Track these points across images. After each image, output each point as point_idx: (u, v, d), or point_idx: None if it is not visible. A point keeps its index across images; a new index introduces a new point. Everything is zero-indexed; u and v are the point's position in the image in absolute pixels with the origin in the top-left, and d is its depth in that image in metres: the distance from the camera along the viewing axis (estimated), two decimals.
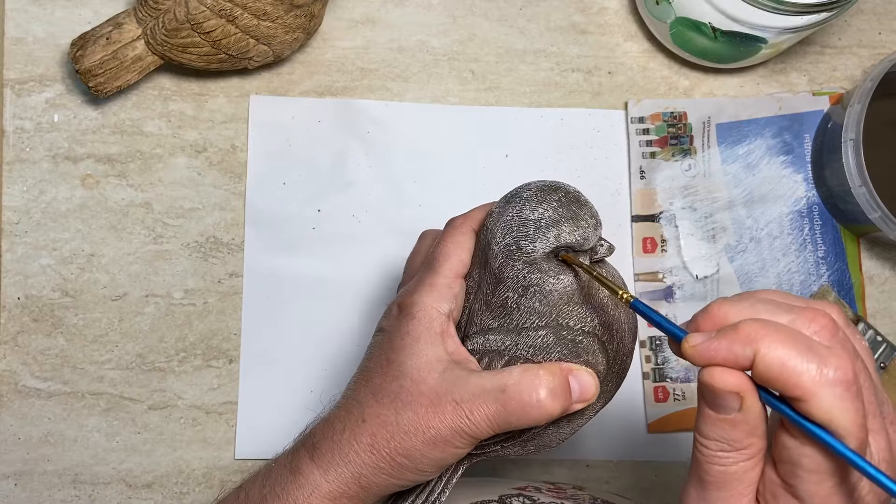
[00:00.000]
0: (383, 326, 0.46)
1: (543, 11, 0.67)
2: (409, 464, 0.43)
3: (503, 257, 0.44)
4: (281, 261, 0.64)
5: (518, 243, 0.43)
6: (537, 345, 0.44)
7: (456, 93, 0.66)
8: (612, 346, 0.45)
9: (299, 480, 0.43)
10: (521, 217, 0.43)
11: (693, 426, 0.65)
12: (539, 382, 0.42)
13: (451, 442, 0.42)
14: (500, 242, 0.44)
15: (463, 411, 0.42)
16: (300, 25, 0.60)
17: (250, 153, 0.64)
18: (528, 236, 0.43)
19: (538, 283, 0.43)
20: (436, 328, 0.44)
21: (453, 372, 0.43)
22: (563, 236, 0.43)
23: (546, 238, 0.43)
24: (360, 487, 0.43)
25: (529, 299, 0.44)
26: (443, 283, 0.45)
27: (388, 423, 0.43)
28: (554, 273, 0.43)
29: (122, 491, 0.62)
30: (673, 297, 0.65)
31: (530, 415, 0.42)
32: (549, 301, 0.44)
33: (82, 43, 0.59)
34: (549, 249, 0.43)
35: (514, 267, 0.43)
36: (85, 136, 0.64)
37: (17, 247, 0.63)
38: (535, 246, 0.43)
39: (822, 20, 0.57)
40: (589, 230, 0.44)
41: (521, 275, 0.43)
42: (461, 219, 0.47)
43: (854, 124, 0.60)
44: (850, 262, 0.66)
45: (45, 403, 0.62)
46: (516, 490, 0.51)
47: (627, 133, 0.66)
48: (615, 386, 0.47)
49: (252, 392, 0.63)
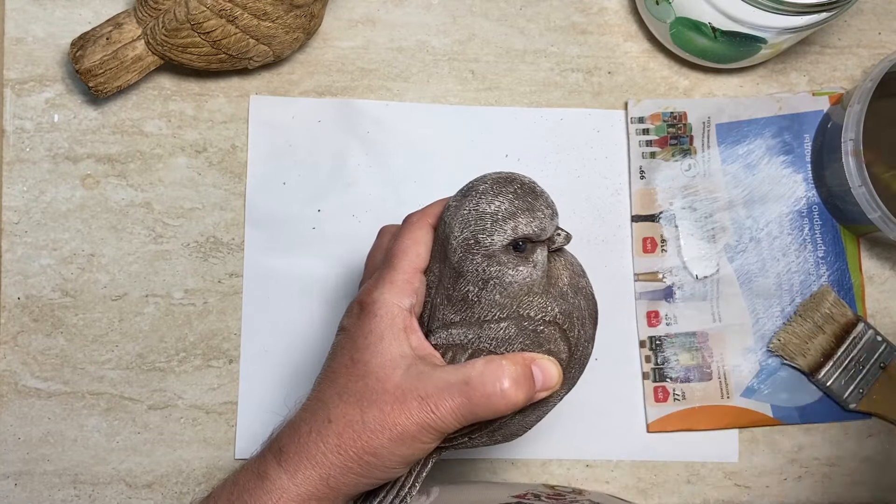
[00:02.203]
0: (345, 325, 0.46)
1: (543, 11, 0.67)
2: (377, 462, 0.43)
3: (462, 251, 0.44)
4: (281, 261, 0.64)
5: (476, 237, 0.44)
6: (499, 337, 0.44)
7: (456, 93, 0.66)
8: (573, 334, 0.46)
9: (267, 485, 0.43)
10: (477, 210, 0.44)
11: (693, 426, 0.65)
12: (502, 373, 0.42)
13: (418, 437, 0.43)
14: (458, 237, 0.44)
15: (428, 406, 0.42)
16: (300, 25, 0.60)
17: (250, 153, 0.64)
18: (485, 230, 0.44)
19: (498, 276, 0.44)
20: (398, 324, 0.44)
21: (417, 368, 0.43)
22: (521, 228, 0.44)
23: (503, 231, 0.44)
24: (329, 489, 0.43)
25: (490, 292, 0.44)
26: (402, 278, 0.45)
27: (355, 422, 0.43)
28: (513, 265, 0.44)
29: (122, 491, 0.62)
30: (673, 297, 0.65)
31: (495, 405, 0.43)
32: (509, 293, 0.44)
33: (82, 43, 0.59)
34: (507, 242, 0.44)
35: (473, 261, 0.44)
36: (85, 136, 0.64)
37: (17, 247, 0.63)
38: (493, 239, 0.44)
39: (822, 20, 0.57)
40: (545, 220, 0.44)
41: (481, 268, 0.44)
42: (418, 214, 0.47)
43: (854, 124, 0.60)
44: (850, 262, 0.66)
45: (45, 403, 0.62)
46: (515, 498, 0.51)
47: (627, 133, 0.66)
48: (578, 372, 0.48)
49: (252, 392, 0.63)
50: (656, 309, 0.65)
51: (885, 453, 0.66)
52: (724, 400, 0.64)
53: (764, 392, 0.65)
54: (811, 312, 0.65)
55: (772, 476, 0.65)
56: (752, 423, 0.65)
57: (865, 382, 0.64)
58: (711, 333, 0.65)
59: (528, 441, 0.64)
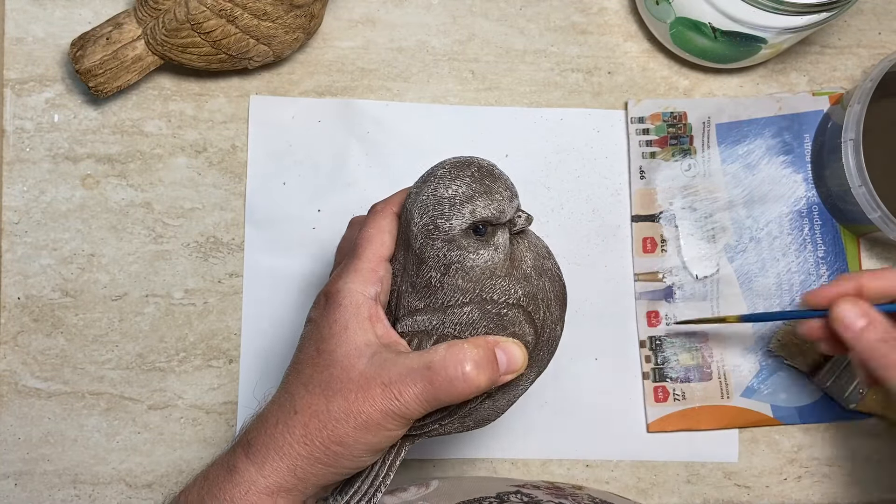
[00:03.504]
0: (312, 317, 0.46)
1: (543, 11, 0.67)
2: (344, 451, 0.43)
3: (423, 237, 0.44)
4: (281, 261, 0.64)
5: (435, 222, 0.44)
6: (463, 321, 0.44)
7: (456, 93, 0.66)
8: (538, 316, 0.46)
9: (235, 478, 0.43)
10: (435, 196, 0.44)
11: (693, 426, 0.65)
12: (464, 357, 0.43)
13: (383, 425, 0.43)
14: (418, 223, 0.44)
15: (392, 393, 0.42)
16: (300, 25, 0.60)
17: (250, 153, 0.64)
18: (443, 214, 0.44)
19: (459, 261, 0.44)
20: (363, 313, 0.44)
21: (382, 356, 0.43)
22: (479, 211, 0.43)
23: (461, 214, 0.43)
24: (297, 479, 0.43)
25: (452, 277, 0.44)
26: (367, 267, 0.45)
27: (320, 412, 0.43)
28: (473, 248, 0.44)
29: (122, 491, 0.62)
30: (673, 297, 0.65)
31: (458, 389, 0.43)
32: (471, 277, 0.44)
33: (82, 43, 0.59)
34: (465, 225, 0.44)
35: (433, 246, 0.44)
36: (85, 136, 0.64)
37: (17, 247, 0.63)
38: (452, 223, 0.44)
39: (822, 20, 0.57)
40: (504, 202, 0.44)
41: (441, 253, 0.44)
42: (382, 203, 0.48)
43: (854, 124, 0.60)
44: (850, 262, 0.66)
45: (45, 403, 0.62)
46: (514, 487, 0.51)
47: (627, 133, 0.66)
48: (548, 354, 0.48)
49: (252, 392, 0.63)
50: (656, 309, 0.65)
51: (885, 453, 0.66)
52: (724, 400, 0.64)
53: (764, 392, 0.65)
54: None
55: (772, 476, 0.65)
56: (752, 423, 0.65)
57: (865, 382, 0.64)
58: (711, 334, 0.65)
59: (528, 441, 0.64)
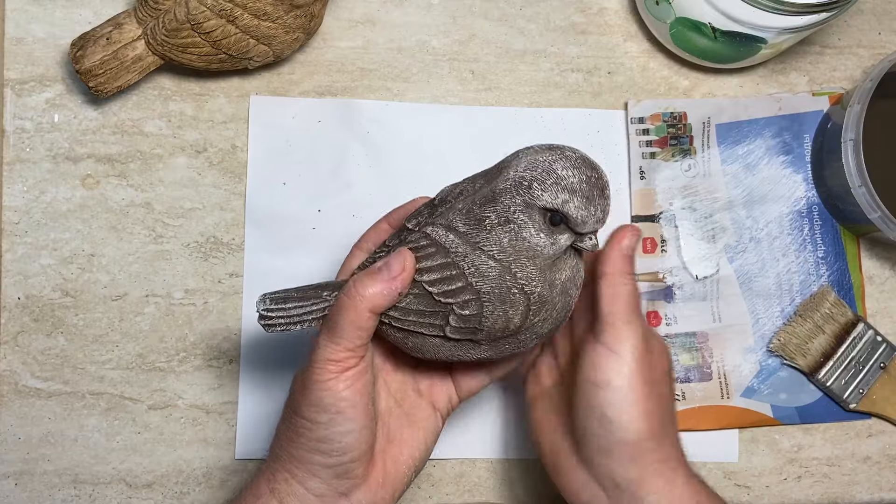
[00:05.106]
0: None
1: (543, 11, 0.67)
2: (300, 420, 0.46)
3: (511, 184, 0.45)
4: (281, 261, 0.64)
5: (532, 183, 0.45)
6: (481, 270, 0.46)
7: (456, 93, 0.66)
8: (531, 318, 0.46)
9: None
10: (551, 166, 0.45)
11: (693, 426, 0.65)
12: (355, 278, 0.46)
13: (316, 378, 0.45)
14: (518, 172, 0.45)
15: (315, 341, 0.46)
16: (300, 25, 0.60)
17: (250, 153, 0.64)
18: (544, 183, 0.45)
19: (519, 226, 0.45)
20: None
21: None
22: (570, 207, 0.45)
23: (556, 196, 0.44)
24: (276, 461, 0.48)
25: (504, 232, 0.45)
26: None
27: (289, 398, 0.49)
28: (538, 228, 0.45)
29: (122, 491, 0.62)
30: (673, 297, 0.65)
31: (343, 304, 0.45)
32: (515, 246, 0.45)
33: (82, 43, 0.59)
34: (550, 206, 0.45)
35: (513, 198, 0.45)
36: (85, 136, 0.64)
37: (17, 247, 0.63)
38: (543, 196, 0.45)
39: (822, 20, 0.57)
40: (591, 218, 0.45)
41: (513, 208, 0.45)
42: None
43: (854, 124, 0.60)
44: (850, 262, 0.66)
45: (45, 403, 0.62)
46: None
47: (627, 133, 0.66)
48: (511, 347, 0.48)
49: (252, 392, 0.63)
50: (656, 309, 0.65)
51: (885, 453, 0.66)
52: (724, 400, 0.64)
53: (764, 392, 0.65)
54: (811, 312, 0.65)
55: (772, 476, 0.65)
56: (752, 423, 0.65)
57: (865, 382, 0.64)
58: (711, 334, 0.65)
59: (528, 441, 0.64)
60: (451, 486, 0.63)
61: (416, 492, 0.64)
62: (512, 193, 0.45)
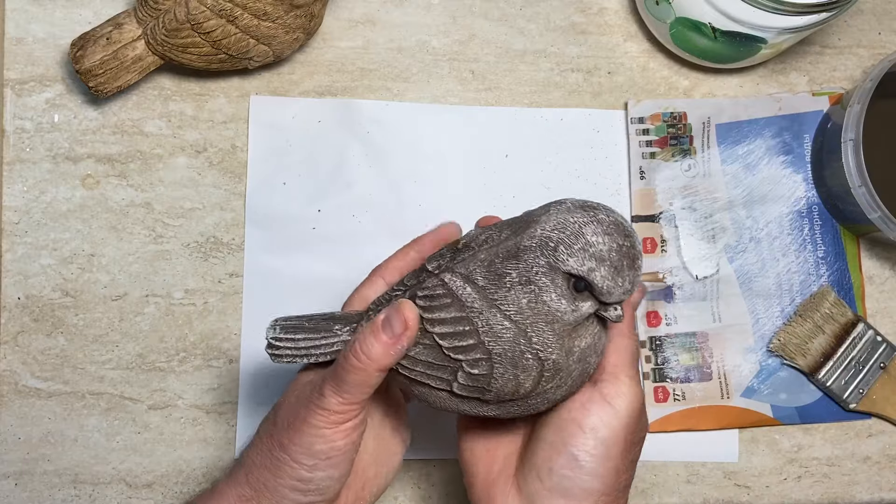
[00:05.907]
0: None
1: (543, 11, 0.67)
2: (284, 456, 0.46)
3: (536, 243, 0.43)
4: (281, 261, 0.64)
5: (558, 245, 0.43)
6: (495, 329, 0.44)
7: (456, 93, 0.66)
8: (543, 384, 0.45)
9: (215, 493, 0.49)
10: (581, 229, 0.43)
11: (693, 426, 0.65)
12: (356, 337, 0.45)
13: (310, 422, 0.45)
14: (545, 231, 0.43)
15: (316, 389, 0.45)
16: (300, 25, 0.60)
17: (250, 153, 0.64)
18: (570, 247, 0.42)
19: (540, 288, 0.43)
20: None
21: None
22: (596, 276, 0.42)
23: (581, 263, 0.42)
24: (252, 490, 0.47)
25: (523, 293, 0.43)
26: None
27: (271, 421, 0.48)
28: (559, 293, 0.43)
29: (122, 491, 0.62)
30: (673, 297, 0.65)
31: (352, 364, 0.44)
32: (534, 308, 0.43)
33: (82, 43, 0.59)
34: (575, 272, 0.42)
35: (536, 258, 0.43)
36: (85, 136, 0.64)
37: (17, 247, 0.63)
38: (569, 260, 0.42)
39: (822, 20, 0.57)
40: (617, 289, 0.43)
41: (535, 269, 0.43)
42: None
43: (854, 124, 0.60)
44: (850, 262, 0.66)
45: (45, 403, 0.62)
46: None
47: (627, 133, 0.66)
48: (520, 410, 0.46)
49: (252, 392, 0.63)
50: (656, 309, 0.65)
51: (885, 453, 0.66)
52: (724, 400, 0.64)
53: (764, 392, 0.65)
54: (811, 312, 0.65)
55: (772, 476, 0.65)
56: (752, 423, 0.65)
57: (865, 382, 0.64)
58: (711, 334, 0.65)
59: None
60: (451, 486, 0.63)
61: (416, 491, 0.64)
62: (536, 253, 0.43)
